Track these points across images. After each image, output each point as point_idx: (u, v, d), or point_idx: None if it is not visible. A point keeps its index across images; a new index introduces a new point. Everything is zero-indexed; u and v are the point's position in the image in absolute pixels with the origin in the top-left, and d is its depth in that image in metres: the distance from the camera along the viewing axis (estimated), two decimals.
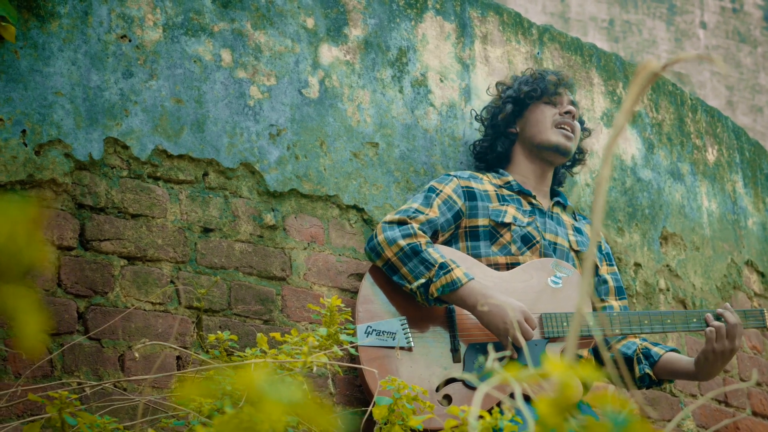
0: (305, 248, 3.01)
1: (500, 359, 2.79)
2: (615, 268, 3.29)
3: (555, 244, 3.11)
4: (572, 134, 3.20)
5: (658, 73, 1.10)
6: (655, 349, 3.12)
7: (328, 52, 3.15)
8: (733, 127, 4.49)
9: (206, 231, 2.85)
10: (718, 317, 3.01)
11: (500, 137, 3.26)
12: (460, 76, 3.44)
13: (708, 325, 2.99)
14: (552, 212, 3.20)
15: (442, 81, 3.39)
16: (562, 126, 3.19)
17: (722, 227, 4.24)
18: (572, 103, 3.26)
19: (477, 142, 3.33)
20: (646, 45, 10.44)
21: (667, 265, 3.92)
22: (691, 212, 4.08)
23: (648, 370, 3.10)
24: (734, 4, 10.91)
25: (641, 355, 3.12)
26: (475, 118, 3.37)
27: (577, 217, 3.31)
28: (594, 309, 3.16)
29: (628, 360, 3.15)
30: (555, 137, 3.17)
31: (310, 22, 3.14)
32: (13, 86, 2.61)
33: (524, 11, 9.58)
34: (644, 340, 3.20)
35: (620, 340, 3.19)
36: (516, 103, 3.23)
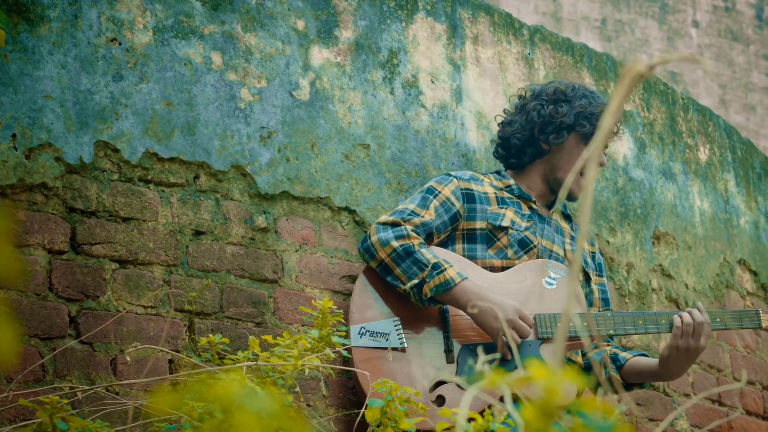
0: (297, 250, 3.01)
1: (491, 361, 2.78)
2: (604, 279, 3.26)
3: (551, 251, 3.09)
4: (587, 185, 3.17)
5: (644, 74, 1.10)
6: (622, 354, 3.12)
7: (319, 54, 3.15)
8: (725, 126, 4.49)
9: (197, 234, 2.85)
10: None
11: (532, 146, 3.16)
12: (451, 77, 3.43)
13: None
14: (551, 219, 3.18)
15: (433, 82, 3.39)
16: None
17: (714, 226, 4.24)
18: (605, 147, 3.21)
19: (511, 133, 3.18)
20: (638, 44, 10.45)
21: (660, 265, 3.92)
22: (684, 211, 4.08)
23: (614, 373, 3.08)
24: (726, 3, 10.92)
25: (608, 360, 3.11)
26: (519, 97, 3.23)
27: (574, 227, 3.27)
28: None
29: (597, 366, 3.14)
30: (574, 184, 3.14)
31: (300, 24, 3.13)
32: (3, 90, 2.60)
33: (516, 11, 9.58)
34: (615, 347, 3.19)
35: (594, 348, 3.18)
36: (567, 129, 3.14)
